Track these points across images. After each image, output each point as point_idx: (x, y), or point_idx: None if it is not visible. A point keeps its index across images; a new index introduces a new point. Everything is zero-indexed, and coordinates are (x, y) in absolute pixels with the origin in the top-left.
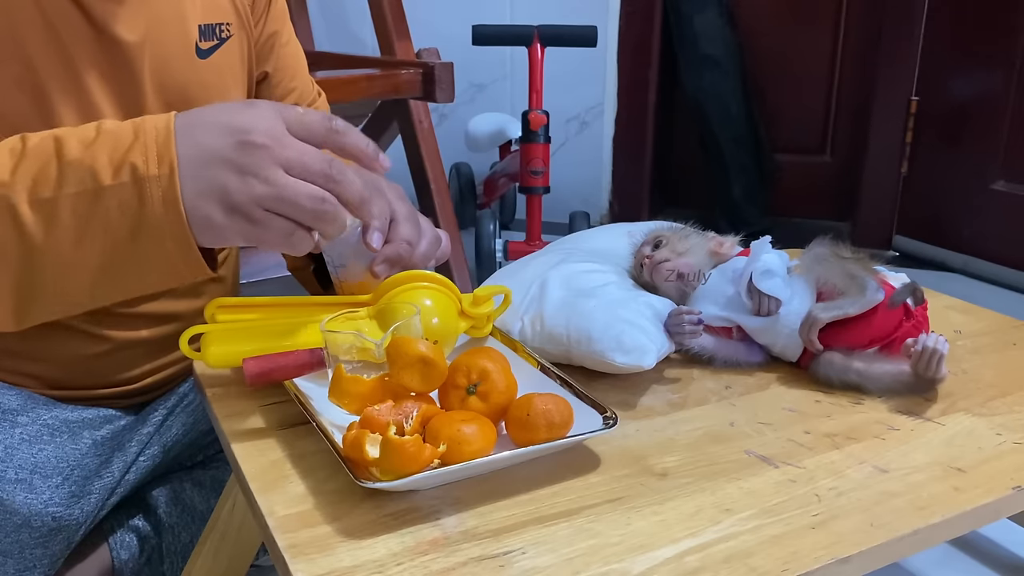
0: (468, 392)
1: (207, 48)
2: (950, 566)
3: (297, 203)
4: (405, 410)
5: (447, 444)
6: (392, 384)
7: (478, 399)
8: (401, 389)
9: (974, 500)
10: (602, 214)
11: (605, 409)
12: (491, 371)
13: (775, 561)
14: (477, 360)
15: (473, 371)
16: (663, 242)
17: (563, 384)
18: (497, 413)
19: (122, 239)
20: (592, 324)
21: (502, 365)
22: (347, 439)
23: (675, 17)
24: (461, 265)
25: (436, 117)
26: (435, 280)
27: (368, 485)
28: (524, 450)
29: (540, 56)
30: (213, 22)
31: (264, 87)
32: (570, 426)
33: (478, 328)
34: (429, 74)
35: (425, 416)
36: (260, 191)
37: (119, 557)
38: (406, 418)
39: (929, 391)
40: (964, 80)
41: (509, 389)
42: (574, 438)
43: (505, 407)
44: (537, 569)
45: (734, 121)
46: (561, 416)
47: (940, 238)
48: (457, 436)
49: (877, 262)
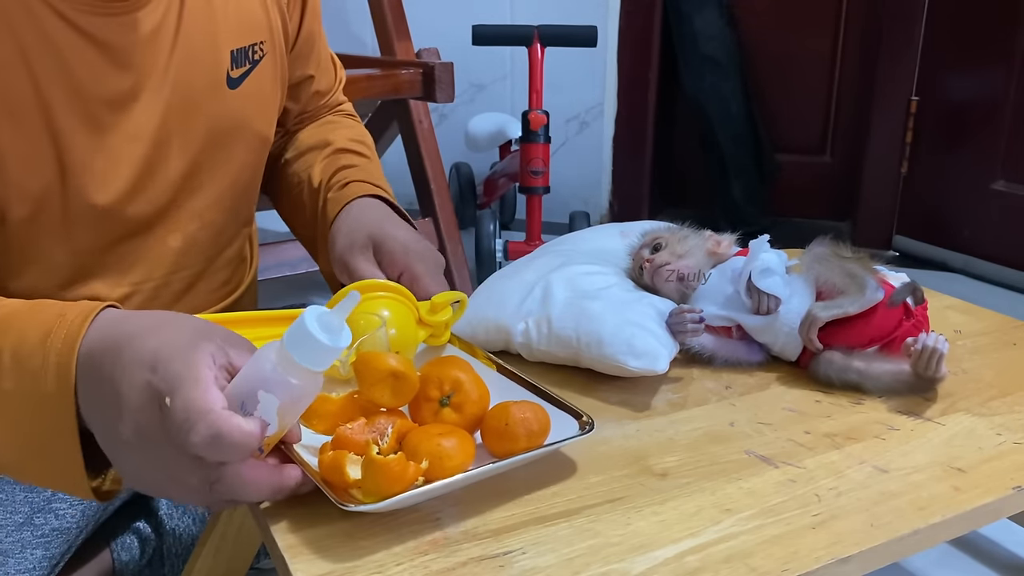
0: (441, 404)
1: (238, 76)
2: (950, 566)
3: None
4: (379, 427)
5: (429, 460)
6: (362, 401)
7: (452, 411)
8: (372, 405)
9: (974, 500)
10: (602, 214)
11: (580, 413)
12: (464, 381)
13: (775, 561)
14: (448, 371)
15: (445, 382)
16: (662, 244)
17: (531, 389)
18: (472, 424)
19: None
20: (602, 327)
21: (472, 375)
22: (324, 462)
23: (675, 17)
24: (461, 265)
25: (436, 117)
26: (391, 289)
27: (353, 508)
28: (507, 461)
29: (540, 56)
30: (246, 44)
31: (307, 84)
32: (547, 433)
33: (437, 336)
34: (429, 74)
35: (400, 432)
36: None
37: (120, 559)
38: (381, 435)
39: (929, 391)
40: (964, 80)
41: (482, 399)
42: (554, 445)
43: (479, 417)
44: (537, 569)
45: (734, 121)
46: (540, 424)
47: (940, 238)
48: (438, 451)
49: (877, 262)
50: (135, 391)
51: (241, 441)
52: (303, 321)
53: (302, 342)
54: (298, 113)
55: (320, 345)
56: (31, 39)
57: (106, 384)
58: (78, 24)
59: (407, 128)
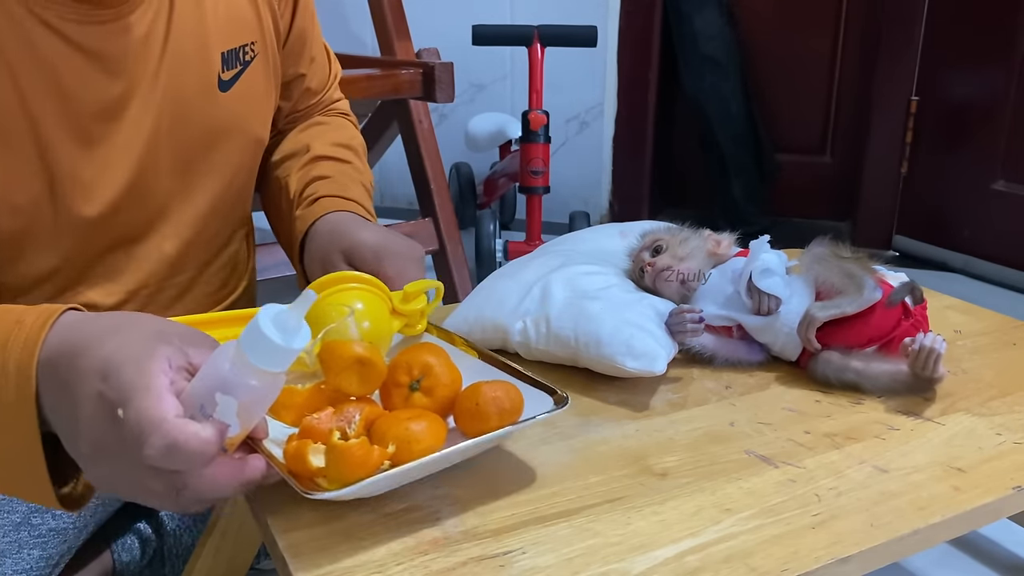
0: (411, 389)
1: (229, 78)
2: (950, 566)
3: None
4: (347, 415)
5: (396, 444)
6: (329, 391)
7: (423, 395)
8: (339, 395)
9: (974, 500)
10: (602, 214)
11: (555, 390)
12: (433, 365)
13: (775, 561)
14: (417, 355)
15: (414, 367)
16: (662, 247)
17: (508, 371)
18: (444, 407)
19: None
20: (600, 328)
21: (443, 358)
22: (288, 452)
23: (675, 17)
24: (461, 265)
25: (436, 117)
26: (363, 280)
27: (315, 496)
28: (477, 440)
29: (540, 56)
30: (237, 45)
31: (299, 83)
32: (521, 411)
33: (411, 326)
34: (429, 74)
35: (369, 419)
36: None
37: (120, 559)
38: (349, 423)
39: (927, 391)
40: (964, 80)
41: (454, 382)
42: (527, 421)
43: (451, 400)
44: (537, 569)
45: (734, 121)
46: (511, 401)
47: (940, 238)
48: (405, 435)
49: (876, 262)
50: (89, 401)
51: (198, 449)
52: (257, 321)
53: (257, 343)
54: (289, 112)
55: (274, 346)
56: (17, 51)
57: (65, 391)
58: (65, 33)
59: (407, 128)
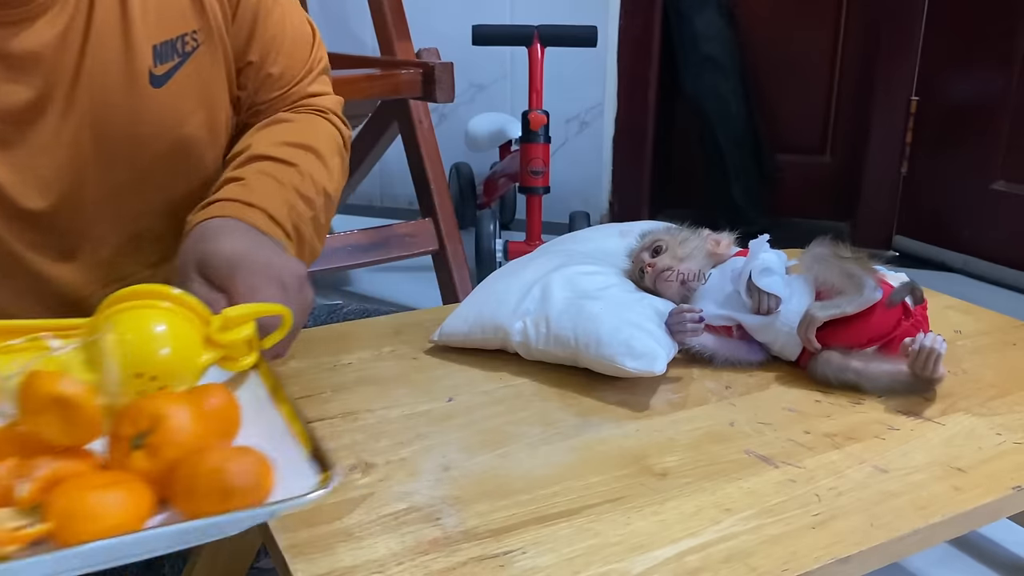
0: (133, 446)
1: (163, 73)
2: (950, 566)
3: None
4: (28, 471)
5: (57, 521)
6: (25, 435)
7: (144, 455)
8: (36, 442)
9: (974, 500)
10: (602, 214)
11: (330, 464)
12: (167, 417)
13: (775, 561)
14: (153, 402)
15: (142, 417)
16: (662, 247)
17: (302, 436)
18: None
19: None
20: (600, 328)
21: (191, 409)
22: None
23: (675, 17)
24: (461, 265)
25: (436, 117)
26: (170, 298)
27: None
28: (180, 527)
29: (540, 56)
30: (174, 36)
31: (250, 71)
32: (260, 493)
33: (233, 359)
34: (429, 74)
35: (54, 480)
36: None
37: None
38: (23, 481)
39: (927, 391)
40: (964, 80)
41: (190, 442)
42: (259, 510)
43: None
44: (537, 569)
45: (734, 121)
46: (244, 479)
47: (940, 238)
48: (72, 509)
49: (876, 262)
50: None
51: None
52: None
53: None
54: (249, 104)
55: None
56: None
57: None
58: None
59: (407, 128)
